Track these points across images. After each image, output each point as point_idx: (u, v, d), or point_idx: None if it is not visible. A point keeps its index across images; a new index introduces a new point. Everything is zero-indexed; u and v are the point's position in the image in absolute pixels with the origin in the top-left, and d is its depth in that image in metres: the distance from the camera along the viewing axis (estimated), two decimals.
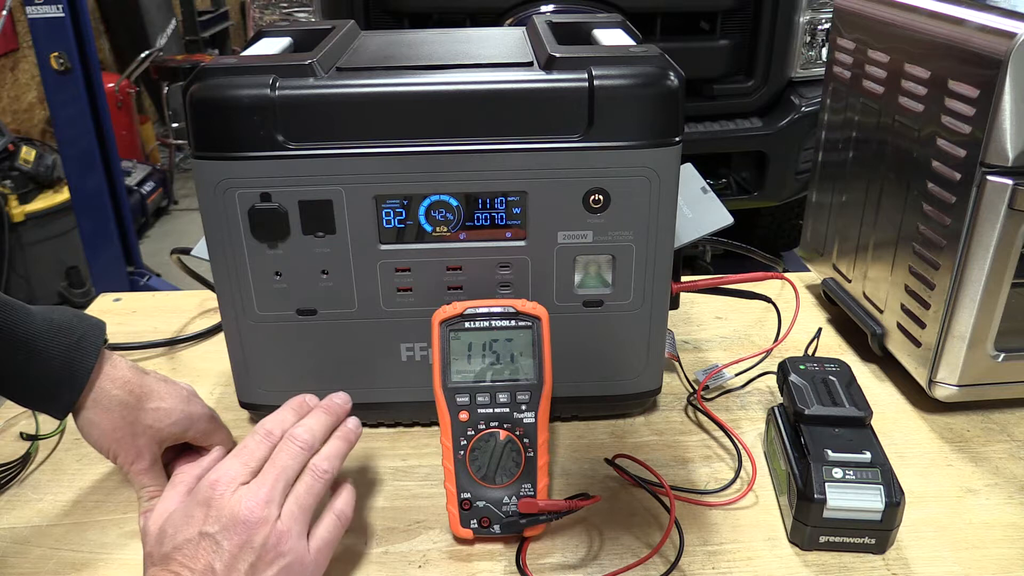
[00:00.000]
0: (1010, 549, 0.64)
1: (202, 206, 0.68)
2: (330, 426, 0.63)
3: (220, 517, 0.55)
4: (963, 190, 0.70)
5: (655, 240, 0.71)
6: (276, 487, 0.57)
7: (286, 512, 0.57)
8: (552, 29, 0.80)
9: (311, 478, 0.59)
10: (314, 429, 0.62)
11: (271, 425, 0.62)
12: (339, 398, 0.66)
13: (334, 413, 0.65)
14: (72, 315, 0.65)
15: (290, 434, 0.61)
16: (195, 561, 0.53)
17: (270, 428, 0.61)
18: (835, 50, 0.93)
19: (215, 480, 0.57)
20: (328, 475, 0.60)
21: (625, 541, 0.66)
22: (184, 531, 0.55)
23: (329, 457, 0.61)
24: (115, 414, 0.65)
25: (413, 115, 0.66)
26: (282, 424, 0.62)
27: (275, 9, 2.11)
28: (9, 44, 3.52)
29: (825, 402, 0.68)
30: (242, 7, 4.89)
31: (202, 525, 0.54)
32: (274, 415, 0.63)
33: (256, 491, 0.56)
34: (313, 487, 0.59)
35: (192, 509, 0.56)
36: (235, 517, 0.54)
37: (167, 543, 0.55)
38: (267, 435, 0.61)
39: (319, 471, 0.60)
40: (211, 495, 0.56)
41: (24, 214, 2.81)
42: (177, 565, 0.53)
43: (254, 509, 0.55)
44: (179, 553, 0.54)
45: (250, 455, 0.59)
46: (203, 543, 0.54)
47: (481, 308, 0.67)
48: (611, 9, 1.98)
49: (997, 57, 0.65)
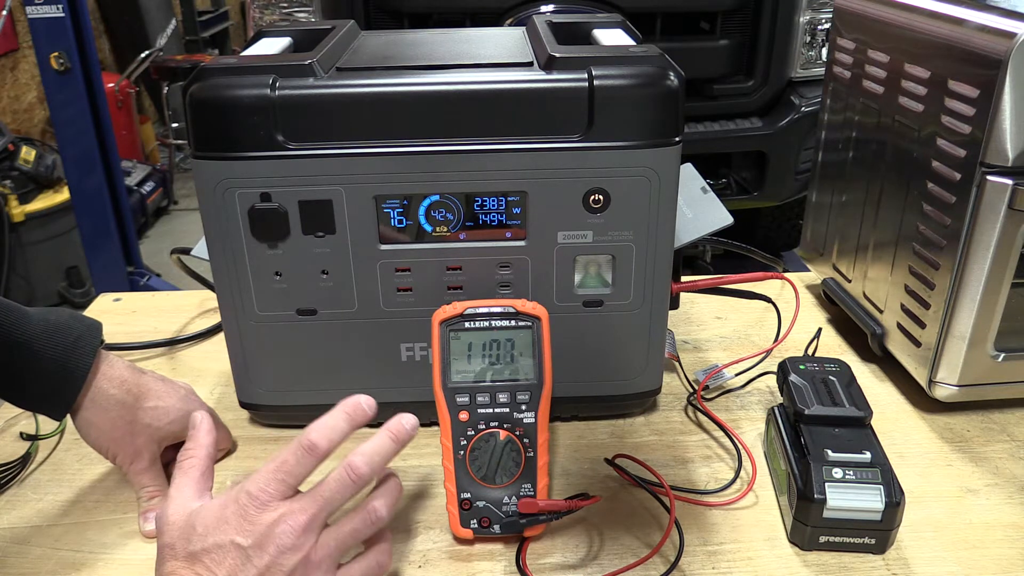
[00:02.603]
0: (1010, 549, 0.64)
1: (202, 206, 0.68)
2: (393, 456, 0.58)
3: (255, 532, 0.53)
4: (963, 190, 0.70)
5: (655, 240, 0.71)
6: (318, 517, 0.54)
7: (322, 545, 0.54)
8: (552, 29, 0.80)
9: (362, 523, 0.56)
10: (375, 464, 0.57)
11: (317, 437, 0.56)
12: (408, 422, 0.59)
13: (400, 442, 0.59)
14: (69, 316, 0.65)
15: (350, 464, 0.56)
16: (220, 567, 0.52)
17: (315, 441, 0.56)
18: (835, 50, 0.93)
19: (254, 493, 0.54)
20: (382, 522, 0.57)
21: (625, 541, 0.66)
22: (216, 535, 0.53)
23: (387, 505, 0.58)
24: (113, 414, 0.65)
25: (413, 115, 0.66)
26: (330, 436, 0.57)
27: (275, 9, 2.11)
28: (9, 44, 3.52)
29: (825, 402, 0.68)
30: (242, 7, 4.89)
31: (235, 535, 0.52)
32: (323, 423, 0.57)
33: (297, 517, 0.53)
34: (360, 532, 0.56)
35: (227, 513, 0.54)
36: (270, 537, 0.53)
37: (196, 542, 0.53)
38: (310, 450, 0.56)
39: (373, 517, 0.57)
40: (248, 506, 0.54)
41: (24, 214, 2.81)
42: (203, 568, 0.52)
43: (290, 535, 0.53)
44: (207, 556, 0.52)
45: (289, 472, 0.55)
46: (233, 552, 0.52)
47: (481, 308, 0.67)
48: (611, 9, 1.98)
49: (997, 57, 0.65)
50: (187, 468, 0.59)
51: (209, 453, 0.61)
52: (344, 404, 0.59)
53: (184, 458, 0.60)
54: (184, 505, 0.56)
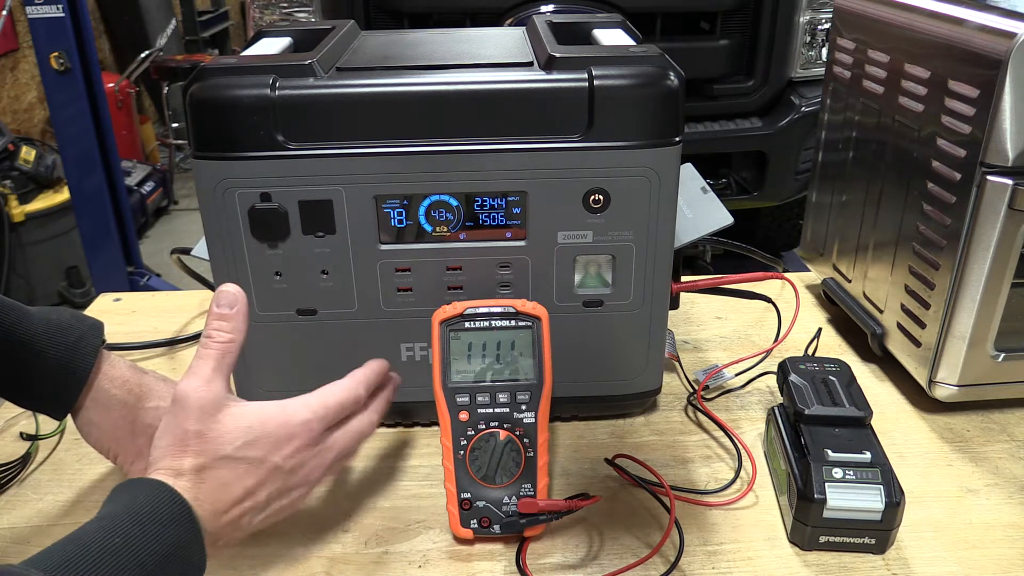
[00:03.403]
0: (1010, 549, 0.64)
1: (202, 206, 0.68)
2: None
3: (296, 460, 0.57)
4: (963, 190, 0.70)
5: (655, 240, 0.71)
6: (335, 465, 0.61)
7: (323, 472, 0.60)
8: (552, 29, 0.80)
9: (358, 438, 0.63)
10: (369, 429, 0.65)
11: (365, 391, 0.64)
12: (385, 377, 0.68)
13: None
14: (70, 315, 0.65)
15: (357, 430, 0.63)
16: (248, 478, 0.55)
17: (363, 395, 0.63)
18: (835, 50, 0.93)
19: (316, 431, 0.58)
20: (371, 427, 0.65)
21: (625, 541, 0.66)
22: (272, 451, 0.56)
23: (379, 411, 0.66)
24: (114, 414, 0.65)
25: (413, 115, 0.66)
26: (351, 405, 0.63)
27: (275, 9, 2.11)
28: (9, 44, 3.52)
29: (825, 402, 0.68)
30: (242, 7, 4.88)
31: (281, 459, 0.56)
32: (344, 396, 0.62)
33: (326, 456, 0.59)
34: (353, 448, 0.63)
35: (289, 434, 0.57)
36: (305, 469, 0.58)
37: (244, 448, 0.55)
38: (357, 401, 0.63)
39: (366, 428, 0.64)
40: (306, 437, 0.58)
41: (24, 214, 2.81)
42: (229, 472, 0.54)
43: (319, 470, 0.59)
44: (240, 465, 0.54)
45: (336, 416, 0.61)
46: (265, 471, 0.55)
47: (481, 308, 0.67)
48: (611, 9, 1.98)
49: (997, 57, 0.65)
50: (225, 351, 0.57)
51: (243, 340, 0.59)
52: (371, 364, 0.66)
53: (222, 338, 0.58)
54: (221, 396, 0.56)
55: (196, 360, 0.57)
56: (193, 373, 0.56)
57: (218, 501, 0.53)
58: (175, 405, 0.55)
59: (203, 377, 0.55)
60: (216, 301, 0.58)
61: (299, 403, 0.58)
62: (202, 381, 0.55)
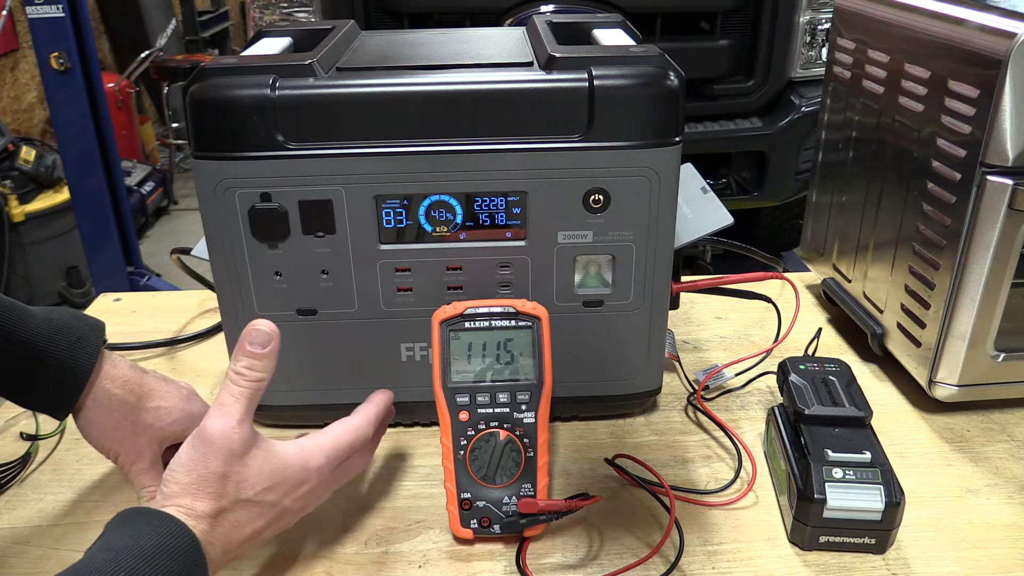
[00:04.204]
0: (1010, 549, 0.64)
1: (202, 206, 0.68)
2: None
3: (301, 500, 0.59)
4: (963, 190, 0.70)
5: (655, 240, 0.71)
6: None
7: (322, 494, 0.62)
8: (552, 29, 0.80)
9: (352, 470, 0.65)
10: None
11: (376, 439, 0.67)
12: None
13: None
14: (71, 315, 0.65)
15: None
16: (258, 520, 0.56)
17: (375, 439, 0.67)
18: (835, 50, 0.93)
19: (327, 476, 0.61)
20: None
21: (625, 541, 0.66)
22: (283, 495, 0.57)
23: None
24: (116, 414, 0.65)
25: (413, 115, 0.66)
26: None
27: (275, 9, 2.11)
28: (9, 44, 3.52)
29: (825, 402, 0.68)
30: (242, 7, 4.89)
31: (289, 501, 0.58)
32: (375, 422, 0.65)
33: (324, 494, 0.62)
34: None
35: (300, 479, 0.58)
36: (302, 508, 0.60)
37: (264, 493, 0.56)
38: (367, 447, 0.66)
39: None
40: (314, 484, 0.59)
41: (24, 214, 2.81)
42: (243, 514, 0.55)
43: (314, 504, 0.61)
44: (254, 508, 0.55)
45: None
46: (273, 512, 0.57)
47: (481, 308, 0.67)
48: (611, 9, 1.98)
49: (997, 57, 0.65)
50: (256, 389, 0.57)
51: (269, 379, 0.58)
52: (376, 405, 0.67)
53: (254, 377, 0.57)
54: (250, 438, 0.56)
55: (227, 395, 0.56)
56: (225, 412, 0.55)
57: (229, 543, 0.54)
58: (203, 442, 0.54)
59: (235, 418, 0.55)
60: (249, 339, 0.57)
61: (316, 448, 0.60)
62: (235, 422, 0.55)
